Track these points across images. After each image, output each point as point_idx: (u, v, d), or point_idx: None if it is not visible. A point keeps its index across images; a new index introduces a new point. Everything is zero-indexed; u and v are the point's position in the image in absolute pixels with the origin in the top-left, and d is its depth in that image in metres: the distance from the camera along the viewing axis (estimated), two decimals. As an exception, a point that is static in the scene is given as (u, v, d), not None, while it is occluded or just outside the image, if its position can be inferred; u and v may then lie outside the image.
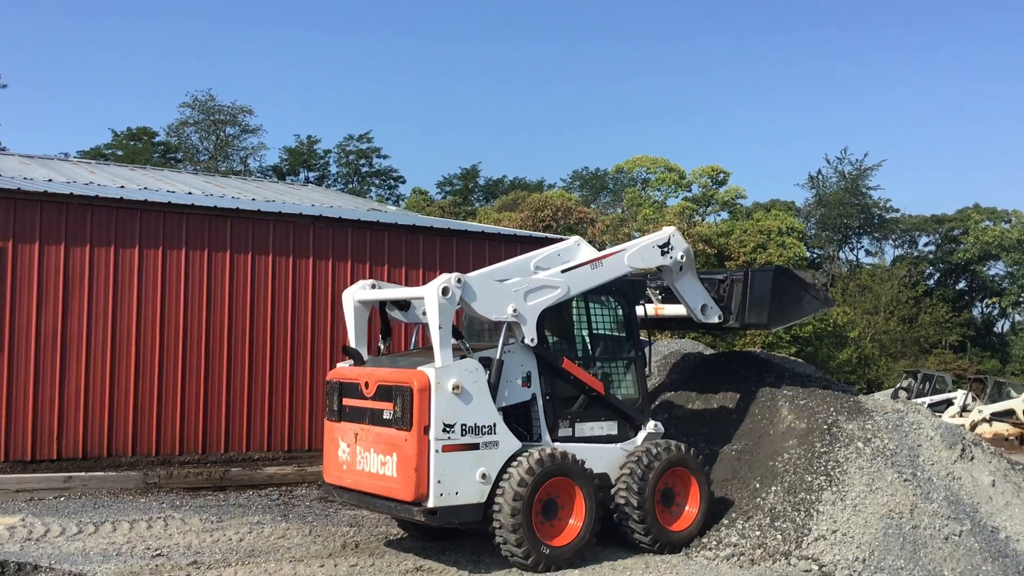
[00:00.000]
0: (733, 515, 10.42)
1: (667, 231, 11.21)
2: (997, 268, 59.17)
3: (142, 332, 15.18)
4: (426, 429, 8.94)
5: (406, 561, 9.69)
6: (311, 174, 60.94)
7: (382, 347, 10.72)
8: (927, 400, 29.93)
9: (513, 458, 9.32)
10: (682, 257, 11.12)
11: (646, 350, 11.15)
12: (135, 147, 54.57)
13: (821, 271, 59.30)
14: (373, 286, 10.52)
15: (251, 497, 13.77)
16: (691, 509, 10.35)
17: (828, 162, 74.97)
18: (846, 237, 62.90)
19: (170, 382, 15.34)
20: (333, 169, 62.17)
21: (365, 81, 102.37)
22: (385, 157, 63.72)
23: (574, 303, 10.69)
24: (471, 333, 11.07)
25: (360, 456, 9.69)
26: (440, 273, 17.65)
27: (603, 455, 10.16)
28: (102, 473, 14.15)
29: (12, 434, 14.14)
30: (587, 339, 10.78)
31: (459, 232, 18.69)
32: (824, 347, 45.90)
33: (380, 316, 10.74)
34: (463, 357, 9.39)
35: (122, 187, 18.20)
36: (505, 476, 9.18)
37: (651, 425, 10.55)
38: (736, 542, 9.91)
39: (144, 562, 9.51)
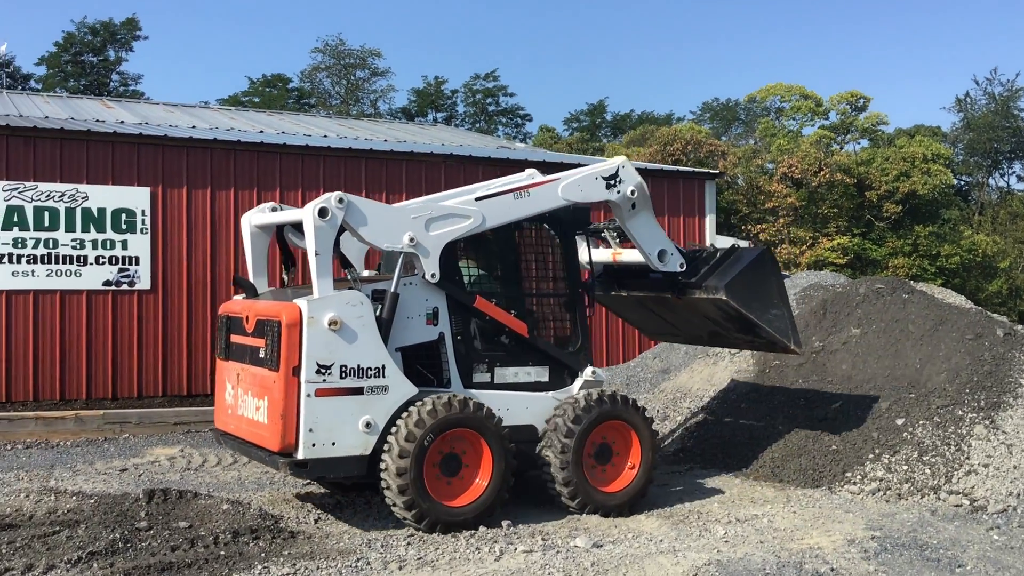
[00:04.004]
0: (878, 450, 10.13)
1: (615, 161, 9.60)
2: None
3: (285, 272, 15.70)
4: (295, 370, 7.83)
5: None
6: (439, 114, 61.39)
7: (286, 278, 9.59)
8: (1086, 332, 28.32)
9: (407, 406, 8.19)
10: (633, 193, 9.47)
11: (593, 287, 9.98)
12: (271, 93, 56.03)
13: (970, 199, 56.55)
14: (273, 209, 9.28)
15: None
16: (631, 467, 9.14)
17: (977, 84, 70.90)
18: (996, 162, 59.56)
19: (312, 320, 15.84)
20: (460, 109, 62.49)
21: (490, 19, 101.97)
22: (511, 95, 63.56)
23: (503, 231, 9.28)
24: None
25: (240, 399, 8.65)
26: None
27: (530, 404, 8.99)
28: (252, 407, 14.78)
29: (169, 371, 14.94)
30: (514, 273, 9.44)
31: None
32: (972, 279, 43.93)
33: (279, 244, 9.45)
34: (351, 289, 8.27)
35: (261, 132, 18.74)
36: (394, 428, 8.11)
37: (588, 372, 9.27)
38: (882, 476, 9.65)
39: (296, 490, 9.93)
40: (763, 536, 8.08)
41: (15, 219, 14.20)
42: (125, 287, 14.78)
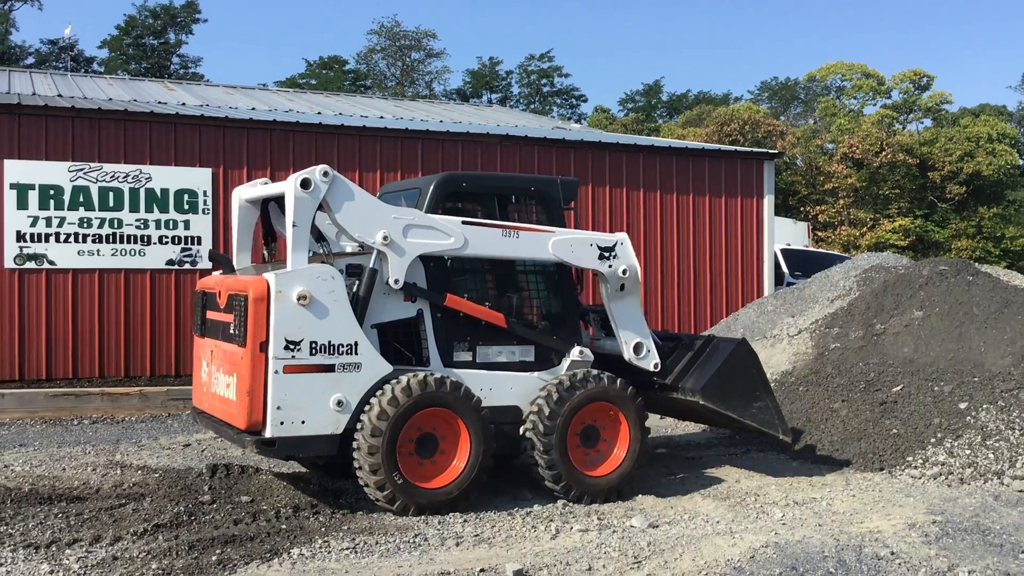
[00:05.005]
0: (940, 434, 9.98)
1: (616, 236, 9.11)
2: None
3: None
4: (262, 345, 7.57)
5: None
6: (494, 96, 61.39)
7: (266, 254, 9.37)
8: None
9: (381, 384, 7.93)
10: (624, 273, 9.01)
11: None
12: (327, 76, 56.49)
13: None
14: (265, 183, 9.05)
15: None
16: (618, 451, 8.78)
17: (1045, 61, 68.86)
18: (1065, 142, 57.99)
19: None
20: (515, 90, 62.44)
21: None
22: (566, 76, 63.44)
23: (480, 211, 8.94)
24: None
25: (213, 376, 8.44)
26: (628, 190, 17.62)
27: (514, 384, 8.65)
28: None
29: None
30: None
31: (645, 148, 18.43)
32: (1038, 261, 42.91)
33: (262, 219, 9.28)
34: (323, 263, 7.98)
35: (319, 113, 18.91)
36: (367, 407, 7.85)
37: (576, 352, 8.87)
38: (944, 461, 9.50)
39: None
40: (822, 519, 8.02)
41: (81, 199, 14.52)
42: (187, 266, 15.04)
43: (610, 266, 8.98)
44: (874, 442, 10.14)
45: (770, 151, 20.11)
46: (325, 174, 7.82)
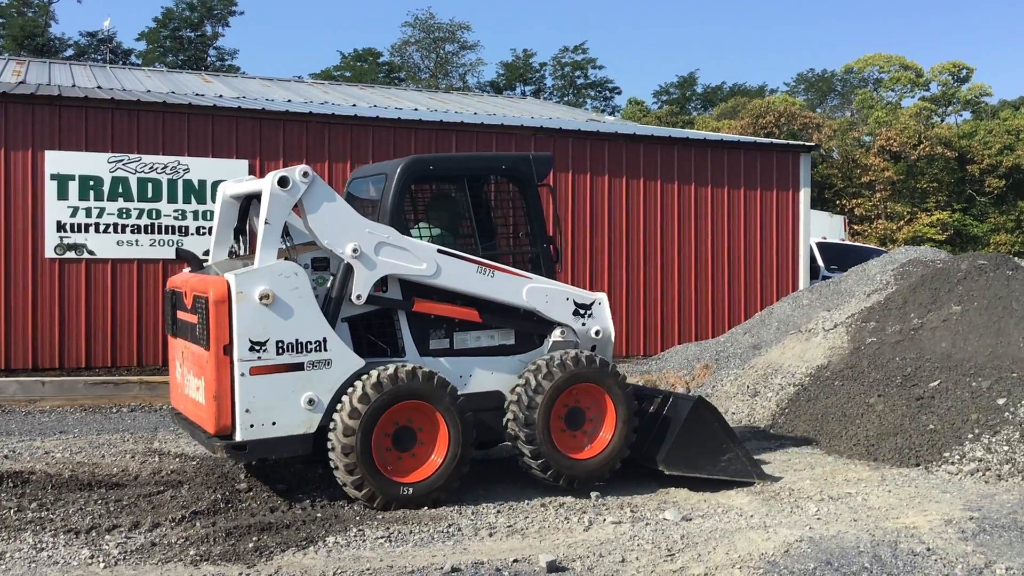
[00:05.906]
0: (977, 430, 9.87)
1: (596, 295, 8.93)
2: None
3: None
4: (226, 348, 7.41)
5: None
6: (527, 88, 61.35)
7: (235, 247, 9.15)
8: None
9: (353, 380, 7.75)
10: (597, 334, 8.78)
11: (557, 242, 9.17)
12: (362, 68, 56.75)
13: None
14: (250, 179, 8.96)
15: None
16: (605, 433, 8.59)
17: (1089, 52, 67.71)
18: (1108, 135, 56.97)
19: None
20: (549, 82, 62.39)
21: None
22: (600, 68, 63.36)
23: (453, 191, 8.83)
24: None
25: (185, 378, 8.34)
26: (663, 183, 17.56)
27: (495, 369, 8.48)
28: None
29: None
30: (471, 234, 8.67)
31: (680, 140, 18.34)
32: (1080, 256, 42.24)
33: (239, 213, 9.08)
34: (287, 259, 7.80)
35: (354, 105, 19.01)
36: (339, 405, 7.68)
37: (557, 332, 8.66)
38: (982, 457, 9.40)
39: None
40: (857, 514, 7.96)
41: (120, 190, 14.70)
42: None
43: (583, 324, 8.78)
44: (910, 437, 10.04)
45: (806, 144, 19.95)
46: (305, 174, 7.73)
